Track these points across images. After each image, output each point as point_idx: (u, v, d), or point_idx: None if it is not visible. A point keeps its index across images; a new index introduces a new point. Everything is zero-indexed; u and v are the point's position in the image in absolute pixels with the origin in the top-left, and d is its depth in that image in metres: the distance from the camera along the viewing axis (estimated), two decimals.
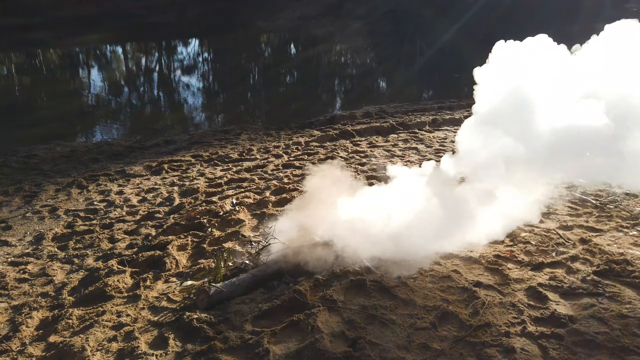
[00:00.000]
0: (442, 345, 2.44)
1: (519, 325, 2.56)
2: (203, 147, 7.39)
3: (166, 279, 3.39)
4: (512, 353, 2.35)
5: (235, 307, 2.84)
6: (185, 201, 4.94)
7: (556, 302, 2.77)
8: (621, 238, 3.50)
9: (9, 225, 4.54)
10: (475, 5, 26.35)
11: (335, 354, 2.37)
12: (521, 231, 3.70)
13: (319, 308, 2.72)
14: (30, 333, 2.84)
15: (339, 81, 16.19)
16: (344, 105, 11.83)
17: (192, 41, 22.50)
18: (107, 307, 3.02)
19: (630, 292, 2.81)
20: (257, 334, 2.57)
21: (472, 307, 2.73)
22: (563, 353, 2.35)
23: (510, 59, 3.68)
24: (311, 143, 7.33)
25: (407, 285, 2.98)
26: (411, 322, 2.63)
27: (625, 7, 24.77)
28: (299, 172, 5.77)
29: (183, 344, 2.59)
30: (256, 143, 7.54)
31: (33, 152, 7.26)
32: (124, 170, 6.22)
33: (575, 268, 3.13)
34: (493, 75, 3.74)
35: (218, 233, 4.05)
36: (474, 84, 3.87)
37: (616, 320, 2.55)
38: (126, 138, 8.52)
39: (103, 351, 2.58)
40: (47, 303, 3.17)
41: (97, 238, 4.17)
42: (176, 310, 2.94)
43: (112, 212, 4.81)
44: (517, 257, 3.30)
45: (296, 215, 3.84)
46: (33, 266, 3.73)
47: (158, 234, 4.14)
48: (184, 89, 14.50)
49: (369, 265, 3.16)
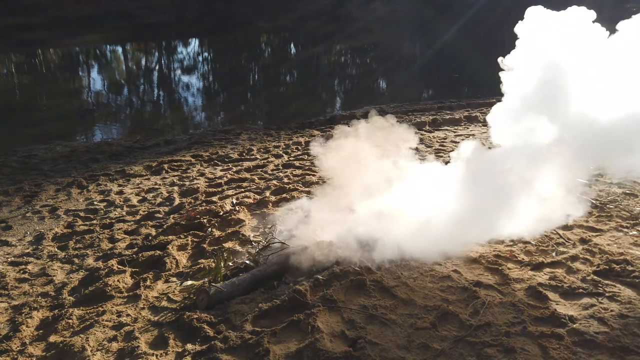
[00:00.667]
0: (442, 345, 2.44)
1: (519, 325, 2.57)
2: (203, 147, 7.39)
3: (166, 279, 3.39)
4: (512, 353, 2.35)
5: (235, 307, 2.84)
6: (185, 201, 4.94)
7: (556, 302, 2.77)
8: (621, 238, 3.50)
9: (9, 225, 4.54)
10: (475, 6, 26.38)
11: (335, 354, 2.37)
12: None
13: (319, 308, 2.72)
14: (30, 333, 2.84)
15: (339, 81, 16.20)
16: (344, 105, 11.83)
17: (192, 41, 22.50)
18: (107, 307, 3.02)
19: (630, 292, 2.81)
20: (257, 333, 2.57)
21: (472, 307, 2.73)
22: (563, 353, 2.35)
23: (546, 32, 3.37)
24: (311, 143, 7.33)
25: (407, 285, 2.98)
26: (411, 322, 2.63)
27: (625, 7, 24.75)
28: (299, 172, 5.77)
29: (183, 343, 2.59)
30: (256, 143, 7.54)
31: (33, 152, 7.25)
32: (124, 170, 6.21)
33: (575, 268, 3.13)
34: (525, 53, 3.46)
35: (218, 233, 4.05)
36: (473, 83, 3.82)
37: (616, 320, 2.55)
38: (126, 138, 8.52)
39: (103, 351, 2.58)
40: (47, 303, 3.17)
41: (97, 238, 4.17)
42: (176, 310, 2.94)
43: (112, 212, 4.81)
44: (517, 257, 3.30)
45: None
46: (33, 266, 3.73)
47: (158, 234, 4.14)
48: (184, 89, 14.50)
49: (369, 265, 3.16)
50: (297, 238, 3.54)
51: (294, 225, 3.82)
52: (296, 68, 18.25)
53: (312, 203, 4.10)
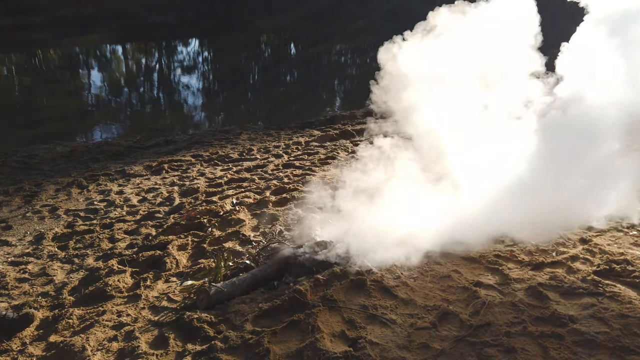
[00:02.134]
0: (443, 345, 2.44)
1: (519, 325, 2.56)
2: (203, 147, 7.39)
3: (166, 279, 3.38)
4: (512, 353, 2.35)
5: (236, 307, 2.84)
6: (186, 201, 4.94)
7: (556, 302, 2.77)
8: (621, 238, 3.50)
9: (9, 225, 4.54)
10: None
11: (335, 354, 2.37)
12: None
13: (320, 308, 2.72)
14: (30, 333, 2.84)
15: (339, 81, 16.19)
16: (344, 105, 11.82)
17: (192, 41, 22.49)
18: (107, 307, 3.02)
19: (630, 292, 2.81)
20: (258, 333, 2.57)
21: (472, 307, 2.73)
22: (563, 353, 2.35)
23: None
24: (311, 143, 7.33)
25: (408, 284, 2.98)
26: (412, 321, 2.63)
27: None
28: (299, 172, 5.77)
29: (183, 343, 2.59)
30: (256, 143, 7.54)
31: (33, 152, 7.26)
32: (124, 170, 6.21)
33: (575, 268, 3.13)
34: None
35: (218, 233, 4.05)
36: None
37: (616, 320, 2.55)
38: (126, 138, 8.52)
39: (103, 351, 2.58)
40: (48, 303, 3.17)
41: (98, 238, 4.17)
42: (176, 310, 2.94)
43: (112, 211, 4.81)
44: (517, 257, 3.30)
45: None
46: (33, 266, 3.73)
47: (158, 234, 4.14)
48: (184, 89, 14.50)
49: (369, 265, 3.16)
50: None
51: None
52: (296, 68, 18.24)
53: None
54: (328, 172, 5.66)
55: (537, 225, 3.45)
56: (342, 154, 6.58)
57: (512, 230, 3.52)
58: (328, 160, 6.22)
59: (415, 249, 3.28)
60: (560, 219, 3.52)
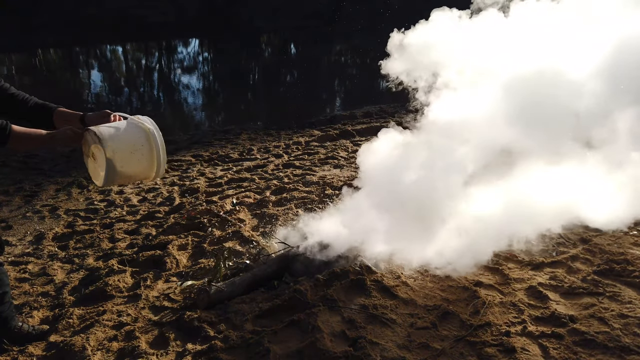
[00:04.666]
0: (443, 345, 2.44)
1: (520, 325, 2.57)
2: (203, 147, 7.39)
3: (166, 279, 3.38)
4: (512, 353, 2.35)
5: (236, 307, 2.84)
6: (186, 201, 4.94)
7: (556, 302, 2.77)
8: (621, 238, 3.50)
9: (9, 225, 4.54)
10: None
11: (335, 354, 2.37)
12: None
13: (320, 307, 2.72)
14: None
15: (339, 81, 16.18)
16: (344, 105, 11.82)
17: (192, 41, 22.49)
18: (107, 307, 3.02)
19: (630, 291, 2.81)
20: (258, 333, 2.57)
21: (472, 307, 2.73)
22: (563, 353, 2.35)
23: None
24: (311, 143, 7.33)
25: (408, 284, 2.98)
26: (412, 321, 2.63)
27: None
28: (300, 171, 5.77)
29: (183, 343, 2.59)
30: (256, 143, 7.54)
31: (33, 152, 7.25)
32: None
33: (575, 267, 3.13)
34: None
35: (218, 233, 4.05)
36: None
37: (617, 320, 2.55)
38: None
39: (104, 350, 2.58)
40: (48, 302, 3.17)
41: (98, 238, 4.17)
42: (176, 310, 2.94)
43: (113, 211, 4.82)
44: (517, 257, 3.30)
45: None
46: (33, 266, 3.73)
47: (158, 234, 4.14)
48: (184, 89, 14.49)
49: (369, 265, 3.16)
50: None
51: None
52: (296, 68, 18.23)
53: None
54: (328, 172, 5.66)
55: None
56: (342, 153, 6.58)
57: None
58: (328, 160, 6.22)
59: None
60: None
